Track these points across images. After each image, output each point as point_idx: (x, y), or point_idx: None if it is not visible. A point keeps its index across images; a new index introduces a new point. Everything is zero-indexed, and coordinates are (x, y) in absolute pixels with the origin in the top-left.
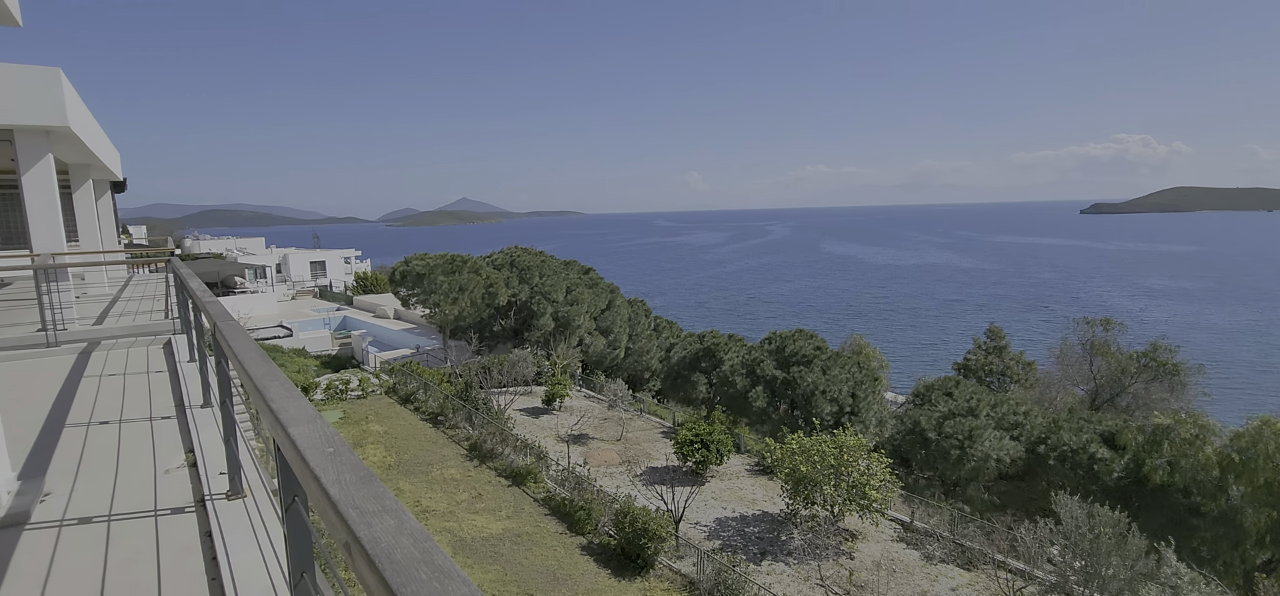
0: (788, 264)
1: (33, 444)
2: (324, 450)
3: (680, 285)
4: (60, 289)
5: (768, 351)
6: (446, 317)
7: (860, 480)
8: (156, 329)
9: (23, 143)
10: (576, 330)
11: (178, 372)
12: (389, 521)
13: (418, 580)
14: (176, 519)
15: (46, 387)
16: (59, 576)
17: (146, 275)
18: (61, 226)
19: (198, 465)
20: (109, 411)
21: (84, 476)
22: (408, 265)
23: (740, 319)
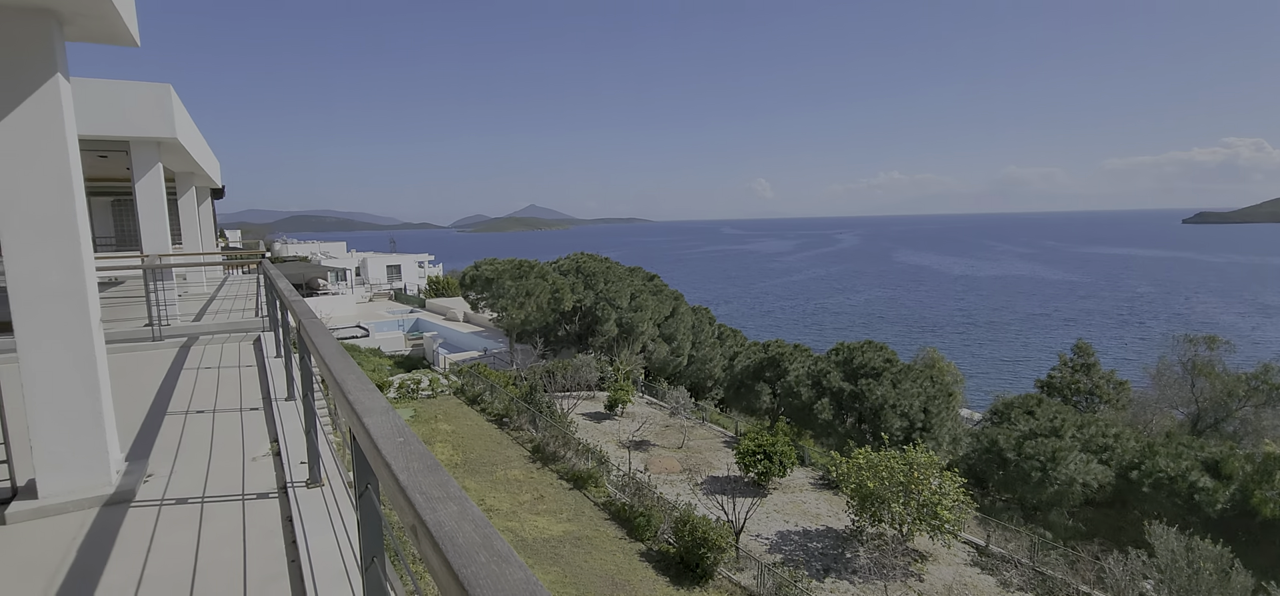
0: (857, 274)
1: (139, 429)
2: (395, 439)
3: (745, 294)
4: (165, 287)
5: (835, 362)
6: (513, 321)
7: (931, 499)
8: (247, 326)
9: (137, 153)
10: (640, 337)
11: (265, 367)
12: (453, 507)
13: (478, 562)
14: (261, 504)
15: (151, 378)
16: (159, 550)
17: (239, 276)
18: (168, 230)
19: (281, 454)
20: (204, 401)
21: (182, 460)
22: (477, 270)
23: (806, 329)
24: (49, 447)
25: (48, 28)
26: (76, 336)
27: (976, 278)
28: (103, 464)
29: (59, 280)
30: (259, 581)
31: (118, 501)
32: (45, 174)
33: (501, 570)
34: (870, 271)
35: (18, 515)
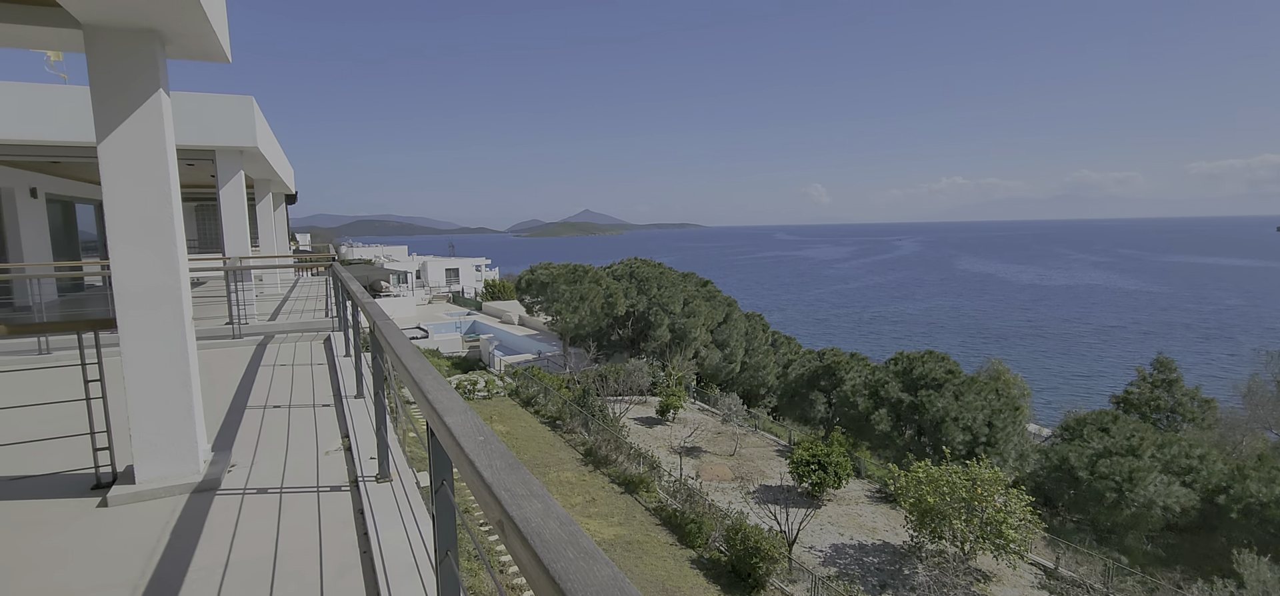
0: (917, 281)
1: (222, 421)
2: (476, 437)
3: (799, 300)
4: (244, 288)
5: (893, 372)
6: (567, 325)
7: (996, 517)
8: (318, 326)
9: (222, 161)
10: (692, 342)
11: (335, 366)
12: (537, 504)
13: (566, 557)
14: (334, 496)
15: (232, 373)
16: (242, 536)
17: (309, 277)
18: (248, 234)
19: (352, 449)
20: (280, 397)
21: (261, 452)
22: (532, 274)
23: (863, 338)
24: (146, 437)
25: (152, 47)
26: (172, 334)
27: (1046, 286)
28: (193, 453)
29: (158, 281)
30: (334, 570)
31: (205, 489)
32: (149, 182)
33: (589, 566)
34: (930, 279)
35: (118, 498)
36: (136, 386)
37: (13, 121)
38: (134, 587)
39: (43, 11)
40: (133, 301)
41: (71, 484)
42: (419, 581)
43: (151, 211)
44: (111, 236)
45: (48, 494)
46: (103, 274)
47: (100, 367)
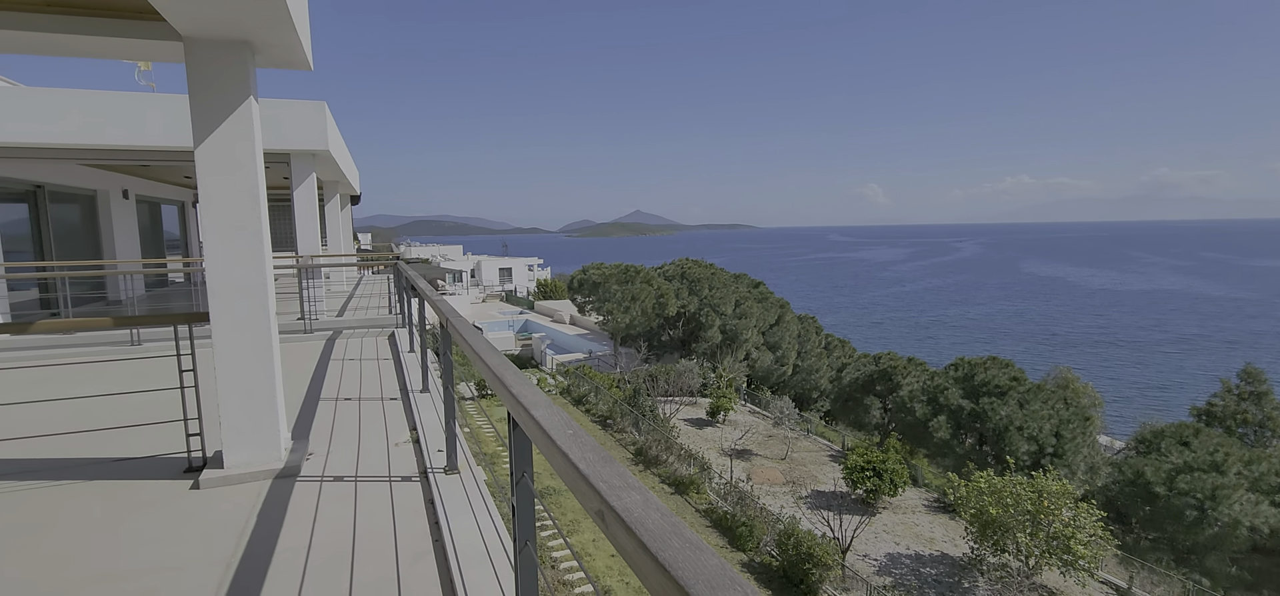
0: (978, 285)
1: (298, 411)
2: (566, 431)
3: (853, 303)
4: (315, 285)
5: (953, 378)
6: (618, 325)
7: (1063, 531)
8: (383, 322)
9: (296, 164)
10: (743, 344)
11: (401, 361)
12: (636, 496)
13: (672, 547)
14: (405, 485)
15: (305, 366)
16: (322, 521)
17: (371, 275)
18: (319, 233)
19: (420, 441)
20: (350, 389)
21: (335, 442)
22: (585, 274)
23: (920, 343)
24: (234, 424)
25: (245, 57)
26: (259, 328)
27: (1119, 291)
28: (275, 441)
29: (247, 277)
30: (409, 557)
31: (286, 475)
32: (240, 184)
33: (697, 556)
34: (992, 282)
35: (209, 481)
36: (227, 376)
37: (109, 127)
38: (227, 564)
39: (148, 26)
40: (224, 296)
41: (167, 467)
42: (491, 570)
43: (242, 212)
44: (206, 234)
45: (146, 475)
46: (184, 270)
47: (193, 359)
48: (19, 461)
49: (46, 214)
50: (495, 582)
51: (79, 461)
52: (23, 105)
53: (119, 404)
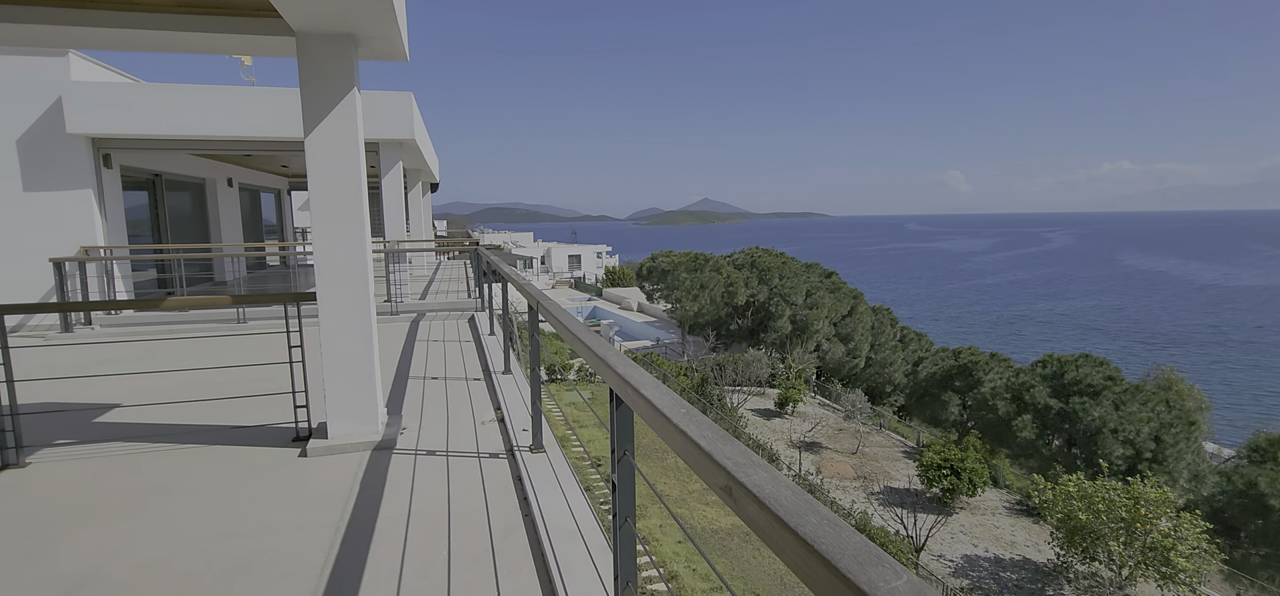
0: (1069, 278)
1: (390, 388)
2: (679, 409)
3: (930, 295)
4: (400, 269)
5: (1041, 376)
6: (686, 313)
7: (1162, 542)
8: (463, 305)
9: (384, 153)
10: (814, 335)
11: (482, 343)
12: (764, 474)
13: (811, 522)
14: (493, 462)
15: (393, 345)
16: (419, 492)
17: (447, 260)
18: (404, 219)
19: (505, 420)
20: (435, 369)
21: (426, 418)
22: (654, 262)
23: (1003, 338)
24: (337, 398)
25: (350, 50)
26: (361, 308)
27: (1232, 287)
28: (373, 415)
29: (351, 260)
30: (501, 530)
31: (383, 447)
32: (345, 172)
33: (839, 532)
34: (1085, 276)
35: (315, 450)
36: (331, 353)
37: (218, 119)
38: (336, 528)
39: (264, 22)
40: (330, 277)
41: (276, 436)
42: (582, 545)
43: (347, 198)
44: (315, 219)
45: (259, 443)
46: (280, 254)
47: (300, 336)
48: (151, 426)
49: (163, 201)
50: (587, 557)
51: (200, 428)
52: (145, 100)
53: (231, 376)
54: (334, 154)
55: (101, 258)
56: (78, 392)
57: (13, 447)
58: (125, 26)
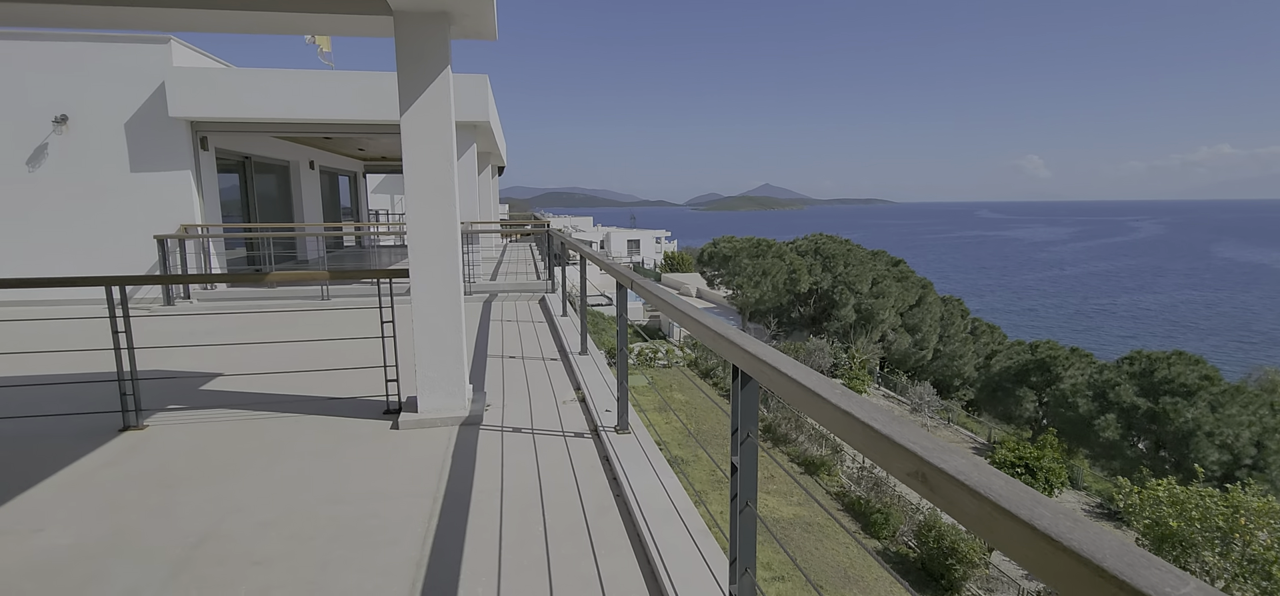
0: (1156, 269)
1: (471, 366)
2: (834, 390)
3: (1002, 286)
4: (473, 250)
5: (1127, 373)
6: (748, 300)
7: (1265, 555)
8: (532, 287)
9: (460, 135)
10: (879, 324)
11: (555, 324)
12: (961, 460)
13: (1044, 515)
14: (579, 442)
15: (470, 324)
16: (510, 468)
17: (511, 242)
18: (476, 201)
19: (587, 401)
20: (512, 349)
21: (508, 396)
22: (715, 247)
23: (1082, 332)
24: (428, 373)
25: (444, 28)
26: (451, 284)
27: None
28: (461, 391)
29: (442, 238)
30: (594, 509)
31: (471, 423)
32: (438, 150)
33: (1086, 528)
34: (1176, 268)
35: (407, 424)
36: (423, 329)
37: (302, 102)
38: (433, 498)
39: (362, 2)
40: (423, 255)
41: (369, 408)
42: (681, 526)
43: (440, 177)
44: (409, 197)
45: (353, 414)
46: (355, 234)
47: (393, 311)
48: (252, 395)
49: (252, 182)
50: (689, 540)
51: (297, 397)
52: (238, 84)
53: (321, 349)
54: (428, 133)
55: (199, 235)
56: (184, 361)
57: (133, 411)
58: (229, 8)
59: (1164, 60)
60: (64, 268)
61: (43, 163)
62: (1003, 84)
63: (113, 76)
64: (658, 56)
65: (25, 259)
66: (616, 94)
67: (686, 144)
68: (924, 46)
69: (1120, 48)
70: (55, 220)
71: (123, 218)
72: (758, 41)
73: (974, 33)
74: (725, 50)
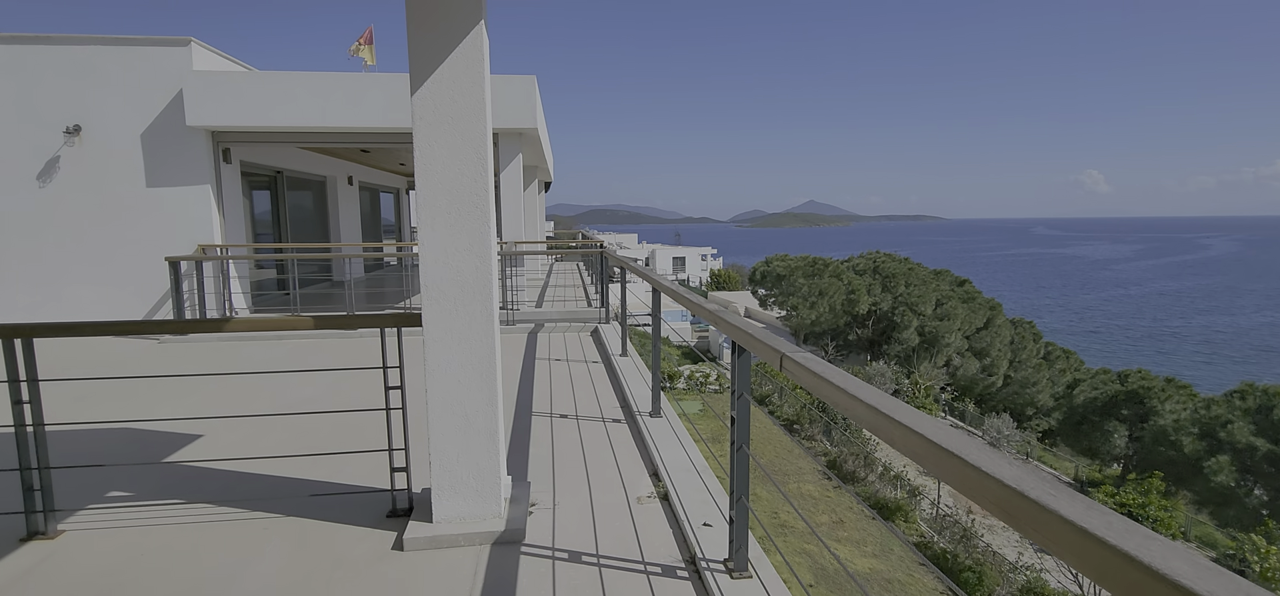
0: (1235, 289)
1: (511, 432)
2: None
3: (1062, 306)
4: (517, 274)
5: (1241, 410)
6: (802, 321)
7: None
8: (583, 316)
9: (504, 144)
10: (944, 348)
11: (615, 369)
12: None
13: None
14: (670, 583)
15: (511, 366)
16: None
17: (559, 263)
18: (522, 218)
19: (671, 497)
20: (563, 401)
21: (561, 484)
22: (768, 266)
23: (1152, 357)
24: (446, 462)
25: None
26: (480, 337)
27: None
28: (495, 488)
29: (469, 268)
30: None
31: (508, 540)
32: (465, 142)
33: None
34: (1255, 287)
35: (415, 542)
36: (439, 399)
37: (335, 108)
38: None
39: None
40: (440, 292)
41: (368, 508)
42: None
43: (467, 179)
44: (421, 210)
45: (344, 517)
46: (397, 255)
47: (401, 372)
48: (216, 482)
49: (284, 199)
50: None
51: (277, 482)
52: (261, 89)
53: (323, 413)
54: (451, 115)
55: (217, 257)
56: (148, 409)
57: (41, 511)
58: None
59: (1237, 66)
60: (76, 293)
61: (54, 177)
62: (1061, 96)
63: (128, 83)
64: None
65: (37, 285)
66: (657, 110)
67: (731, 160)
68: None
69: (1186, 58)
70: (67, 239)
71: (137, 236)
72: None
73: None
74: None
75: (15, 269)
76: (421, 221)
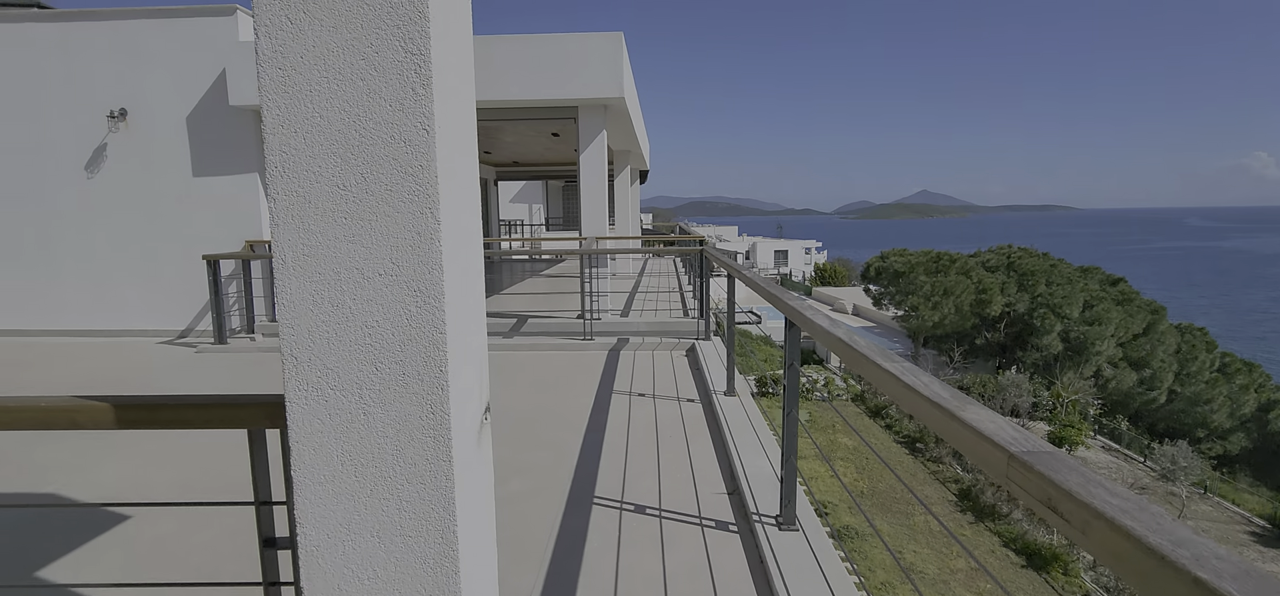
0: None
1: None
2: None
3: (1218, 306)
4: (599, 275)
5: None
6: (923, 323)
7: None
8: (680, 330)
9: (584, 120)
10: (1094, 357)
11: (715, 409)
12: None
13: None
14: None
15: (581, 400)
16: None
17: (655, 262)
18: (606, 210)
19: None
20: (643, 462)
21: None
22: (884, 261)
23: None
24: None
25: None
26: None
27: None
28: None
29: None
30: None
31: None
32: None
33: None
34: None
35: None
36: None
37: None
38: None
39: None
40: (305, 354)
41: None
42: None
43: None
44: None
45: None
46: (487, 255)
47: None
48: None
49: None
50: None
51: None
52: None
53: None
54: None
55: (267, 254)
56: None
57: None
58: None
59: None
60: (123, 294)
61: (102, 166)
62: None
63: (173, 59)
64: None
65: (86, 286)
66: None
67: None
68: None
69: None
70: (116, 235)
71: (183, 232)
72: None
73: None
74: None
75: (69, 269)
76: (273, 207)
